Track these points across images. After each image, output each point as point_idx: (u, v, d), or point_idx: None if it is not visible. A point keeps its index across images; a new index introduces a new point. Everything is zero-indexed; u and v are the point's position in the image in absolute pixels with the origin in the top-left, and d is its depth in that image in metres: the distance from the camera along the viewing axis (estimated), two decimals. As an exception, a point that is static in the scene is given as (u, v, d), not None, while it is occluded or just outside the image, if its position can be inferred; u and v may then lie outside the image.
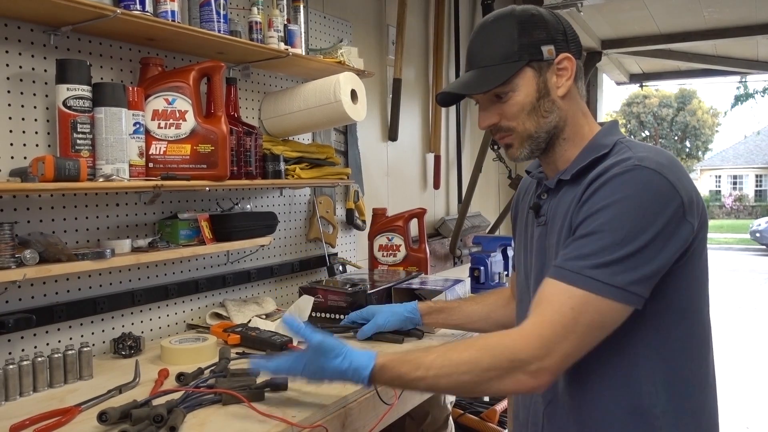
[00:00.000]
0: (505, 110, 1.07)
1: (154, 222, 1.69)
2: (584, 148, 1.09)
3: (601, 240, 0.94)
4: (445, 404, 2.68)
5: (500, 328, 1.55)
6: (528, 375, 0.94)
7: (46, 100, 1.42)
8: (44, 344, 1.42)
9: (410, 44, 2.94)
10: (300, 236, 2.24)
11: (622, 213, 0.94)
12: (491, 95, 1.08)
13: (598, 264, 0.93)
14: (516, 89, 1.06)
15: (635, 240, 0.93)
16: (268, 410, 1.12)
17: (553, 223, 1.09)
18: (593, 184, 0.99)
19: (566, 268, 0.96)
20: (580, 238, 0.97)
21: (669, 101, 29.18)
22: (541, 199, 1.14)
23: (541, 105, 1.06)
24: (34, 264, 1.26)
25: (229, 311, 1.78)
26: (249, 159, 1.77)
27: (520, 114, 1.07)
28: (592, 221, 0.96)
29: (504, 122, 1.08)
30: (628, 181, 0.96)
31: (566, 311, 0.94)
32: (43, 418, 1.08)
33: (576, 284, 0.94)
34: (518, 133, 1.08)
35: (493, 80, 1.05)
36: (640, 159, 0.98)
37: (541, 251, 1.13)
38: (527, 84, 1.06)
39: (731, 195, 28.92)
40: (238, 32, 1.72)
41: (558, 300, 0.95)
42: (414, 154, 3.09)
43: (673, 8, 3.04)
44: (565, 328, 0.93)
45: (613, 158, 1.02)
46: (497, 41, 1.06)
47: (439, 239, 3.22)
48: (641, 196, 0.94)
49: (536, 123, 1.07)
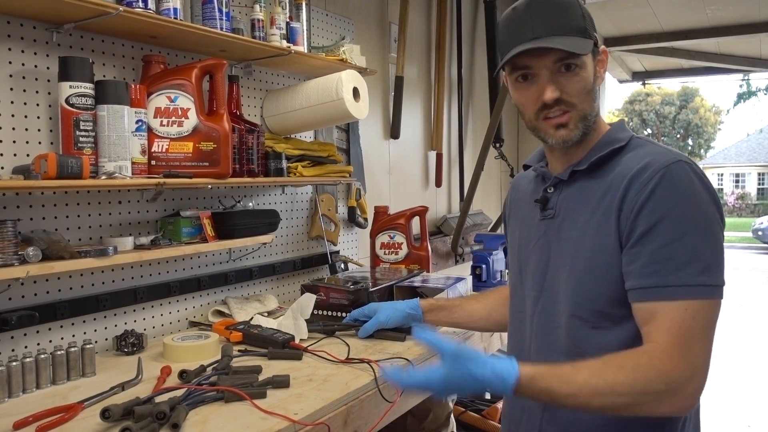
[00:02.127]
0: (570, 86, 1.04)
1: (156, 219, 1.69)
2: (598, 142, 1.10)
3: (687, 245, 0.95)
4: (447, 402, 2.68)
5: (501, 327, 1.55)
6: (682, 397, 0.93)
7: (48, 98, 1.42)
8: (47, 341, 1.42)
9: (412, 42, 2.94)
10: (302, 234, 2.24)
11: (691, 212, 0.96)
12: (560, 66, 1.03)
13: (699, 270, 0.94)
14: (583, 66, 1.05)
15: (711, 235, 0.96)
16: (271, 408, 1.12)
17: (571, 218, 1.09)
18: (637, 183, 0.99)
19: (672, 285, 0.95)
20: (662, 248, 0.96)
21: (671, 99, 29.11)
22: (548, 193, 1.14)
23: (593, 90, 1.07)
24: (37, 261, 1.26)
25: (232, 309, 1.78)
26: (251, 157, 1.77)
27: (582, 92, 1.05)
28: (667, 226, 0.96)
29: (566, 97, 1.04)
30: (683, 177, 0.98)
31: (691, 324, 0.94)
32: (46, 414, 1.08)
33: (688, 296, 0.94)
34: (578, 110, 1.06)
35: (584, 47, 1.02)
36: (675, 154, 1.01)
37: (544, 245, 1.13)
38: (590, 64, 1.06)
39: (733, 193, 28.86)
40: (240, 30, 1.72)
41: (680, 317, 0.94)
42: (416, 152, 3.09)
43: (676, 6, 3.04)
44: (697, 339, 0.94)
45: (638, 152, 1.05)
46: (573, 16, 1.04)
47: (441, 237, 3.22)
48: (698, 192, 0.97)
49: (590, 106, 1.07)
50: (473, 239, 2.49)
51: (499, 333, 2.01)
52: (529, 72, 1.06)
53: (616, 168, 1.05)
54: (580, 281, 1.05)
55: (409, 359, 1.41)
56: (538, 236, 1.15)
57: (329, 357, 1.42)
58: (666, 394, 0.92)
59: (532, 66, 1.05)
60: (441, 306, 1.56)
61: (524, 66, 1.05)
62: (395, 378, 1.03)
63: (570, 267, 1.07)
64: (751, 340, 6.44)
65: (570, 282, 1.07)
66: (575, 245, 1.07)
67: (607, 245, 1.02)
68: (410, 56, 2.90)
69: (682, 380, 0.92)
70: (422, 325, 1.60)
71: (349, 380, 1.29)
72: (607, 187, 1.04)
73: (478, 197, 3.26)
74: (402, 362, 1.39)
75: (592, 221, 1.04)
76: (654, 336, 0.95)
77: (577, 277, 1.05)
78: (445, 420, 2.67)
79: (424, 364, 1.48)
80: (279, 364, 1.39)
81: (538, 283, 1.14)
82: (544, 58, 1.03)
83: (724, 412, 1.08)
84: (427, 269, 2.28)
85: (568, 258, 1.07)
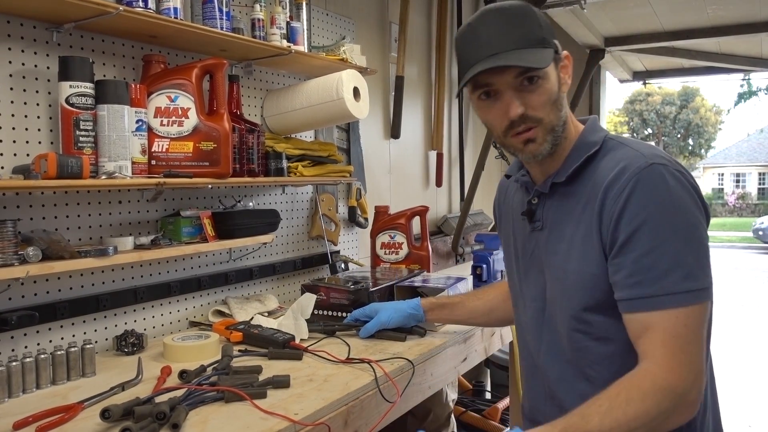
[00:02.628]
0: (532, 99, 1.01)
1: (156, 219, 1.69)
2: (573, 148, 1.07)
3: (667, 252, 0.93)
4: (448, 402, 2.68)
5: (501, 323, 1.56)
6: (688, 405, 0.93)
7: (48, 98, 1.42)
8: (47, 341, 1.42)
9: (413, 42, 2.94)
10: (302, 234, 2.24)
11: (669, 217, 0.94)
12: (521, 81, 1.00)
13: (683, 277, 0.93)
14: (546, 77, 1.01)
15: (693, 238, 0.94)
16: (271, 408, 1.12)
17: (559, 229, 1.07)
18: (613, 191, 0.97)
19: (657, 295, 0.94)
20: (643, 257, 0.94)
21: (672, 99, 29.09)
22: (532, 204, 1.12)
23: (559, 99, 1.04)
24: (37, 261, 1.26)
25: (232, 309, 1.78)
26: (251, 156, 1.77)
27: (547, 104, 1.02)
28: (645, 234, 0.94)
29: (531, 112, 1.01)
30: (657, 181, 0.95)
31: (683, 332, 0.93)
32: (46, 415, 1.08)
33: (674, 305, 0.93)
34: (544, 124, 1.03)
35: (544, 59, 0.99)
36: (648, 156, 0.98)
37: (540, 256, 1.12)
38: (552, 74, 1.03)
39: (734, 193, 28.85)
40: (240, 29, 1.72)
41: (671, 327, 0.93)
42: (416, 152, 3.09)
43: (676, 5, 3.03)
44: (692, 344, 0.93)
45: (612, 156, 1.02)
46: (527, 26, 1.01)
47: (442, 237, 3.21)
48: (674, 194, 0.95)
49: (557, 116, 1.04)
50: (474, 239, 2.48)
51: (499, 332, 2.01)
52: (491, 89, 1.03)
53: (593, 175, 1.03)
54: (574, 294, 1.04)
55: (410, 359, 1.41)
56: (532, 248, 1.14)
57: (330, 357, 1.41)
58: (675, 408, 0.92)
59: (493, 83, 1.02)
60: (442, 304, 1.56)
61: (485, 84, 1.03)
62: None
63: (563, 280, 1.06)
64: (751, 340, 6.44)
65: (565, 295, 1.06)
66: (564, 258, 1.06)
67: (593, 258, 1.01)
68: (411, 56, 2.90)
69: (686, 389, 0.92)
70: (424, 324, 1.60)
71: (349, 380, 1.28)
72: (586, 197, 1.03)
73: (478, 197, 3.26)
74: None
75: (577, 234, 1.03)
76: (650, 352, 0.94)
77: (571, 290, 1.05)
78: (445, 420, 2.67)
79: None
80: (279, 364, 1.39)
81: (539, 295, 1.13)
82: (504, 74, 1.00)
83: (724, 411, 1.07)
84: (428, 269, 2.28)
85: (560, 271, 1.07)
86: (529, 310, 1.16)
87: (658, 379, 0.92)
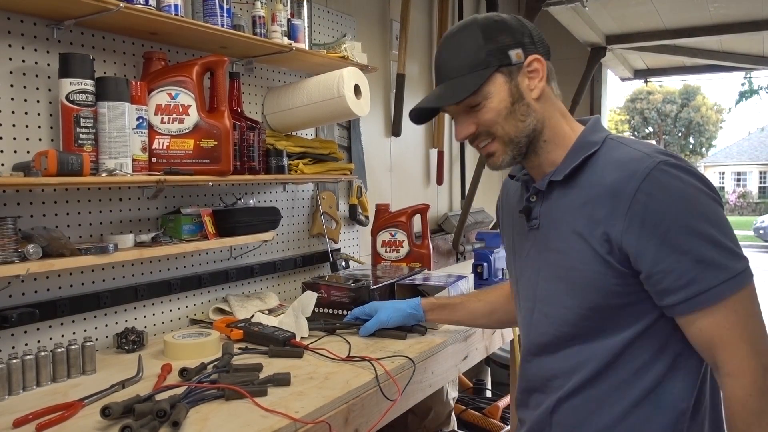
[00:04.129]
0: (481, 119, 1.05)
1: (157, 217, 1.68)
2: (572, 148, 1.07)
3: (706, 243, 0.93)
4: (448, 400, 2.69)
5: (502, 325, 1.56)
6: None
7: (49, 95, 1.42)
8: (47, 339, 1.42)
9: (414, 39, 2.93)
10: (303, 232, 2.24)
11: (693, 211, 0.94)
12: (465, 106, 1.06)
13: (730, 258, 0.93)
14: (489, 96, 1.04)
15: (721, 222, 0.95)
16: (271, 406, 1.12)
17: (555, 228, 1.07)
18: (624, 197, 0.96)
19: (714, 286, 0.93)
20: (685, 254, 0.93)
21: (673, 97, 29.06)
22: (530, 203, 1.12)
23: (517, 109, 1.04)
24: (37, 258, 1.26)
25: (232, 306, 1.78)
26: (252, 154, 1.77)
27: (497, 120, 1.05)
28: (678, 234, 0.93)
29: (482, 128, 1.06)
30: (670, 178, 0.95)
31: (747, 321, 0.94)
32: (47, 412, 1.08)
33: (733, 290, 0.93)
34: (499, 138, 1.06)
35: (464, 90, 1.03)
36: (653, 155, 0.98)
37: (535, 255, 1.11)
38: (499, 90, 1.04)
39: (735, 192, 28.83)
40: (241, 26, 1.71)
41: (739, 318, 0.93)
42: (417, 150, 3.08)
43: (678, 3, 3.02)
44: (758, 330, 0.94)
45: (612, 155, 1.02)
46: (463, 51, 1.04)
47: (442, 235, 3.21)
48: (690, 188, 0.95)
49: (515, 127, 1.05)
50: (474, 237, 2.48)
51: (500, 331, 2.01)
52: (449, 114, 1.12)
53: (592, 175, 1.02)
54: (567, 293, 1.04)
55: (410, 357, 1.41)
56: (529, 247, 1.14)
57: (330, 355, 1.41)
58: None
59: (447, 110, 1.11)
60: (443, 305, 1.55)
61: (444, 111, 1.12)
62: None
63: (557, 278, 1.06)
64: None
65: (558, 294, 1.06)
66: (560, 257, 1.05)
67: (591, 258, 1.00)
68: (412, 54, 2.89)
69: (766, 374, 0.93)
70: (425, 323, 1.60)
71: (350, 378, 1.28)
72: (585, 197, 1.02)
73: (479, 195, 3.25)
74: None
75: (575, 233, 1.03)
76: (728, 365, 0.94)
77: (565, 289, 1.04)
78: (446, 418, 2.67)
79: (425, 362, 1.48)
80: (280, 362, 1.38)
81: (531, 295, 1.13)
82: (447, 105, 1.07)
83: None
84: (429, 267, 2.28)
85: (556, 269, 1.06)
86: (523, 311, 1.17)
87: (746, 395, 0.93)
